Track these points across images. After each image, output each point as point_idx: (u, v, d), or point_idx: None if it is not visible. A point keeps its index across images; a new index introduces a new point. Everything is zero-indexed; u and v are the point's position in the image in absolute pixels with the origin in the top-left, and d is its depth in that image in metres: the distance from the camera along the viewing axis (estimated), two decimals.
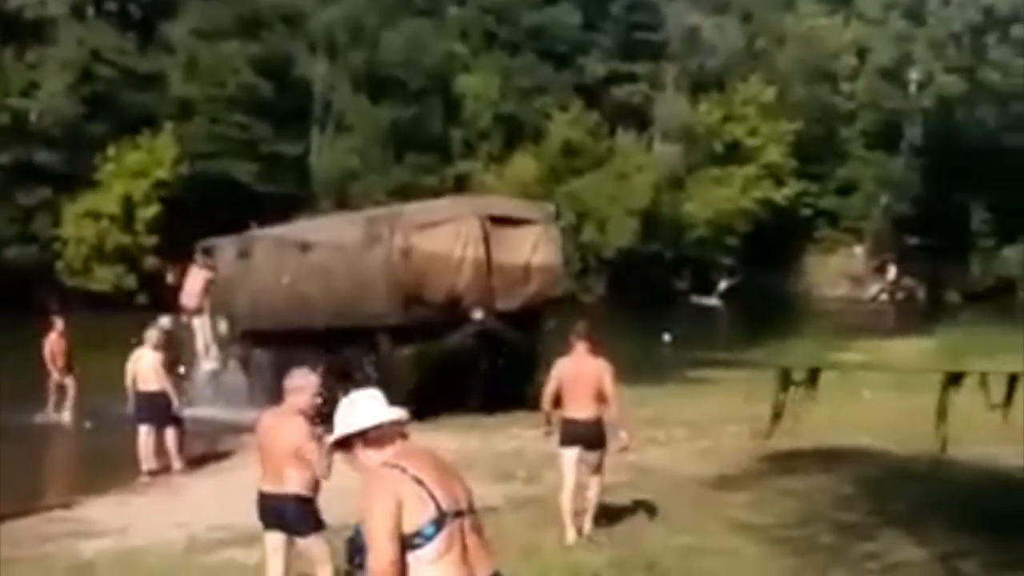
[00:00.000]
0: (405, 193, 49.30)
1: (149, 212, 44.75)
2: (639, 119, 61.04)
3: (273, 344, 17.45)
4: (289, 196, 50.27)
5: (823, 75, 62.74)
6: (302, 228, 20.53)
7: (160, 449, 13.37)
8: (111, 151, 44.82)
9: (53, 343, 17.44)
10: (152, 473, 13.11)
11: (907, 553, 8.26)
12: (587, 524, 9.28)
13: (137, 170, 44.80)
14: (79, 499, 11.83)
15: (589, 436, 9.08)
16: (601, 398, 9.00)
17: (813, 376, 10.36)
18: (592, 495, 9.31)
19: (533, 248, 16.63)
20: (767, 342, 29.00)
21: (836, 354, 23.07)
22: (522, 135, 57.64)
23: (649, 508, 10.01)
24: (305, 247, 17.58)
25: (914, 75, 63.59)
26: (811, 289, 59.85)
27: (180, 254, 22.02)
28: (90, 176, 44.68)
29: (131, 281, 43.98)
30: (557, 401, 9.22)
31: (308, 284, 17.19)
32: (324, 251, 17.23)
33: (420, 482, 3.54)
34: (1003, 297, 56.53)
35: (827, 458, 11.89)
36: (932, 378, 18.16)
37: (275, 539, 6.79)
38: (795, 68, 61.83)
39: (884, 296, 60.37)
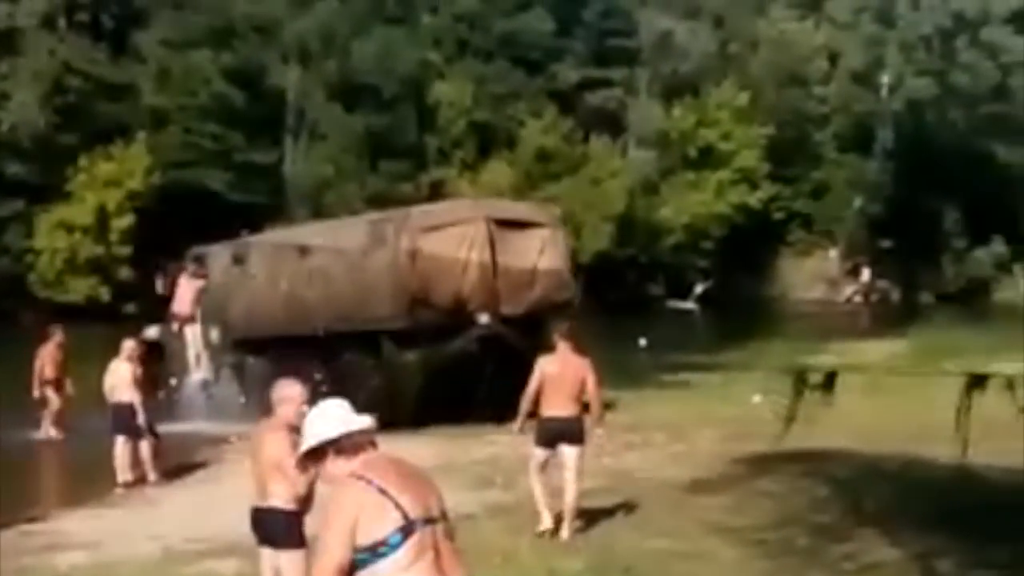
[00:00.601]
0: (380, 201, 49.30)
1: (122, 223, 44.53)
2: (613, 125, 61.18)
3: (268, 352, 17.17)
4: (263, 205, 50.14)
5: (795, 79, 63.08)
6: (299, 233, 20.30)
7: (136, 461, 13.31)
8: (83, 162, 44.57)
9: (49, 353, 17.00)
10: (128, 485, 13.05)
11: (882, 553, 8.30)
12: (566, 530, 9.31)
13: (110, 181, 44.58)
14: (54, 512, 11.76)
15: (568, 433, 9.24)
16: (581, 397, 9.21)
17: (830, 379, 10.15)
18: (570, 499, 9.33)
19: (539, 252, 16.43)
20: (743, 345, 29.10)
21: (811, 356, 23.12)
22: (496, 142, 57.70)
23: (626, 512, 10.03)
24: (304, 251, 17.30)
25: (885, 78, 64.01)
26: (786, 292, 60.11)
27: (166, 262, 21.66)
28: (62, 187, 44.41)
29: (105, 292, 43.75)
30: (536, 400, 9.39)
31: (307, 289, 16.94)
32: (324, 255, 16.93)
33: (384, 492, 3.51)
34: (976, 298, 57.01)
35: (802, 460, 11.92)
36: (904, 380, 18.37)
37: (268, 554, 6.76)
38: (767, 72, 62.15)
39: (858, 298, 60.70)
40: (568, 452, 9.28)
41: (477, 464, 12.51)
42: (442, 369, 15.31)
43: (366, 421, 3.81)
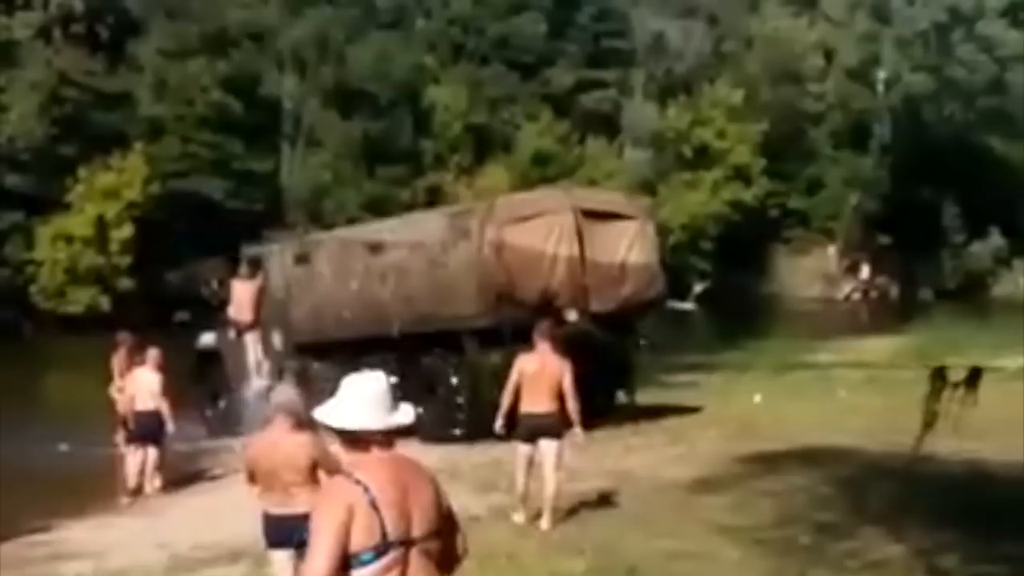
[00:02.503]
0: (377, 207, 49.35)
1: (122, 233, 44.62)
2: (609, 126, 61.25)
3: (336, 356, 15.88)
4: (261, 213, 50.21)
5: (790, 76, 63.12)
6: (369, 229, 18.93)
7: (143, 469, 13.34)
8: (82, 173, 44.65)
9: (122, 361, 16.01)
10: (134, 494, 13.08)
11: (886, 551, 8.30)
12: (545, 521, 9.63)
13: (108, 191, 44.67)
14: (59, 522, 11.78)
15: (547, 428, 9.58)
16: (559, 394, 9.50)
17: (974, 376, 9.70)
18: (548, 492, 9.65)
19: (629, 246, 15.42)
20: (743, 344, 29.14)
21: (811, 355, 23.22)
22: (492, 145, 57.76)
23: (628, 513, 10.05)
24: (376, 248, 16.23)
25: (881, 74, 64.04)
26: (785, 290, 60.13)
27: (215, 268, 20.70)
28: (62, 198, 44.51)
29: (105, 302, 43.80)
30: (517, 395, 9.71)
31: (380, 288, 15.92)
32: (399, 251, 15.83)
33: (374, 506, 3.51)
34: (975, 293, 57.04)
35: (804, 458, 11.95)
36: (907, 376, 18.37)
37: (282, 556, 6.77)
38: (762, 70, 62.19)
39: (857, 295, 60.72)
40: (546, 446, 9.62)
41: (480, 467, 12.53)
42: None
43: (385, 420, 3.70)
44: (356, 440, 3.69)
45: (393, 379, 12.02)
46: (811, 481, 10.75)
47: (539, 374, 9.62)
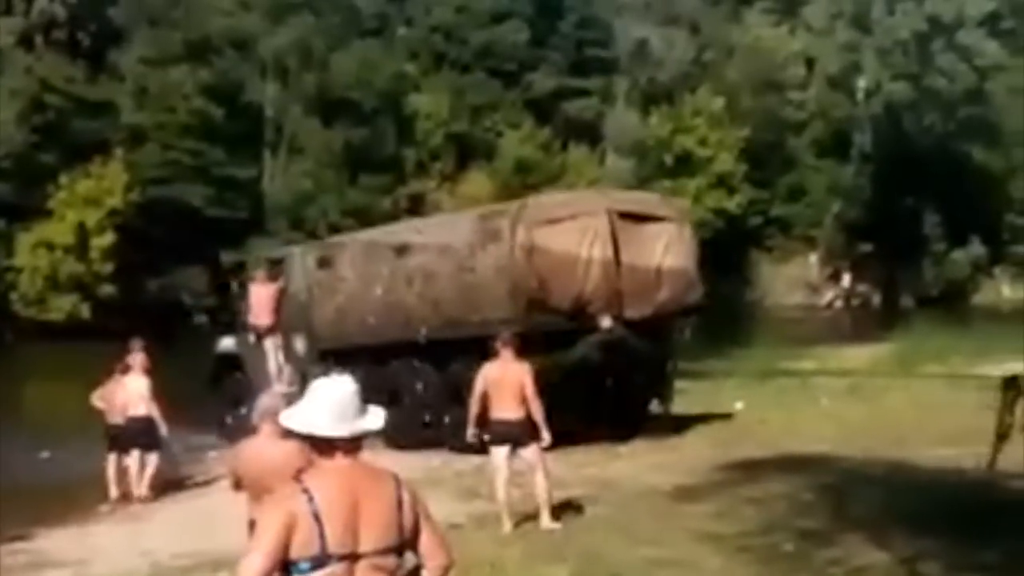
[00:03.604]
0: (360, 215, 49.31)
1: (103, 240, 44.48)
2: (591, 134, 61.36)
3: (360, 362, 15.13)
4: (243, 220, 50.14)
5: (771, 85, 63.40)
6: (395, 230, 18.22)
7: (123, 476, 13.27)
8: (63, 180, 44.48)
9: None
10: (121, 499, 13.02)
11: (869, 558, 8.29)
12: (545, 519, 9.82)
13: (89, 198, 44.54)
14: (39, 530, 11.69)
15: (517, 434, 9.74)
16: (524, 400, 9.66)
17: None
18: (541, 491, 9.84)
19: (665, 249, 14.79)
20: (725, 352, 29.15)
21: (793, 362, 23.26)
22: (475, 153, 57.81)
23: (611, 520, 10.05)
24: (402, 250, 15.65)
25: (862, 83, 64.34)
26: (766, 298, 60.32)
27: (237, 271, 20.15)
28: (43, 206, 44.33)
29: (86, 310, 43.63)
30: (485, 405, 9.88)
31: (406, 292, 15.36)
32: (427, 254, 15.24)
33: (317, 518, 3.46)
34: (956, 300, 57.32)
35: (787, 466, 11.96)
36: (884, 384, 18.48)
37: None
38: (744, 79, 62.44)
39: (839, 303, 60.96)
40: (525, 453, 9.83)
41: (462, 475, 12.50)
42: (560, 379, 13.39)
43: (358, 425, 3.64)
44: (320, 445, 3.63)
45: (418, 386, 11.72)
46: (794, 488, 10.76)
47: (501, 381, 9.80)
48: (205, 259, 48.54)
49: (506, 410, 9.74)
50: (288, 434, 6.67)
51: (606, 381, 14.28)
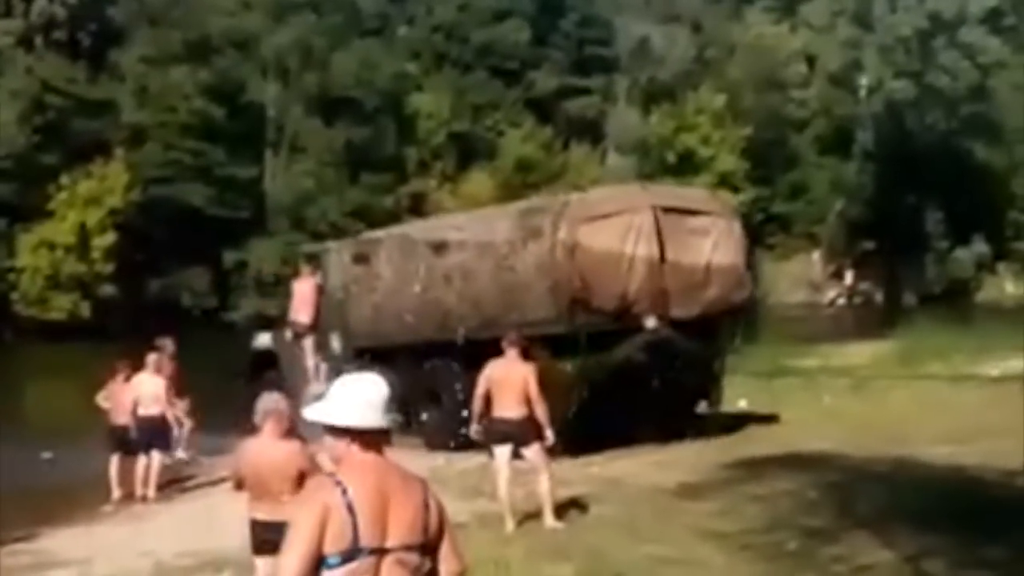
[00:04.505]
0: (361, 214, 49.32)
1: (104, 240, 44.53)
2: (593, 132, 61.36)
3: (398, 362, 14.91)
4: (244, 220, 50.16)
5: (773, 83, 63.37)
6: (433, 226, 17.84)
7: (126, 477, 13.25)
8: (64, 180, 44.51)
9: (164, 367, 15.37)
10: (126, 498, 13.01)
11: (873, 555, 8.26)
12: (548, 518, 9.82)
13: (90, 198, 44.60)
14: (42, 530, 11.68)
15: (518, 433, 9.73)
16: (527, 399, 9.64)
17: None
18: (544, 489, 9.85)
19: (713, 246, 14.28)
20: (728, 350, 29.06)
21: (796, 360, 23.22)
22: (476, 152, 57.81)
23: (615, 519, 10.03)
24: (440, 247, 15.15)
25: (864, 81, 64.31)
26: (769, 296, 60.22)
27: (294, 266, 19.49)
28: (44, 206, 44.39)
29: (86, 309, 43.67)
30: (488, 402, 9.87)
31: (445, 290, 14.93)
32: (466, 251, 14.77)
33: (351, 510, 3.47)
34: (959, 298, 57.24)
35: (791, 464, 11.93)
36: (887, 381, 18.43)
37: (268, 563, 6.70)
38: (746, 77, 62.41)
39: (842, 301, 60.90)
40: (528, 453, 9.84)
41: (466, 474, 12.48)
42: (604, 381, 13.33)
43: (380, 419, 3.64)
44: (354, 438, 3.62)
45: (457, 386, 11.52)
46: (798, 486, 10.73)
47: (504, 380, 9.78)
48: (206, 259, 48.59)
49: (508, 409, 9.74)
50: (290, 434, 6.68)
51: (651, 383, 13.76)
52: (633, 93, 62.92)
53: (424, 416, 14.78)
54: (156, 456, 13.27)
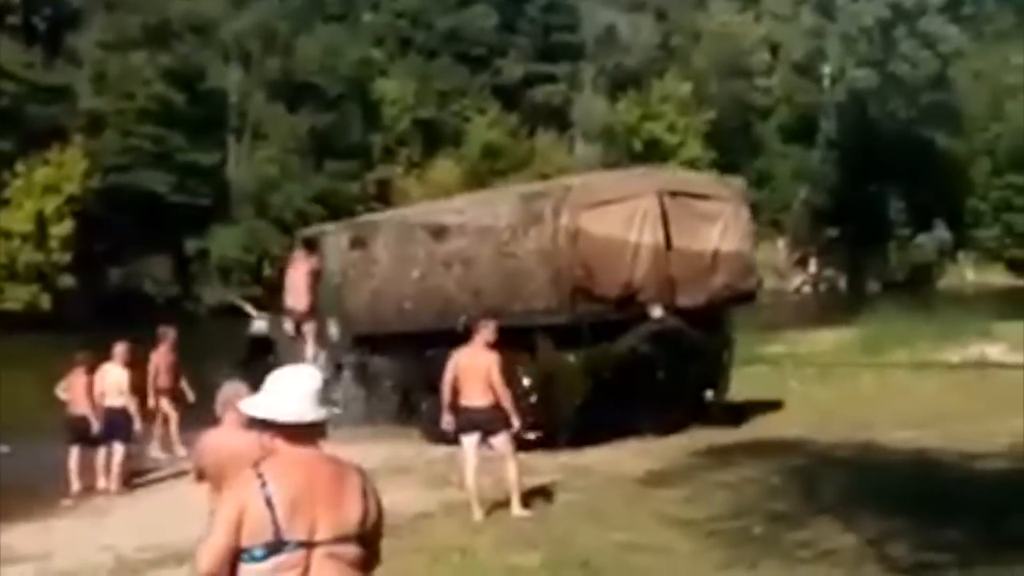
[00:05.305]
0: (326, 201, 49.04)
1: (62, 229, 43.90)
2: (559, 120, 61.34)
3: (398, 351, 14.71)
4: (207, 207, 49.70)
5: (738, 71, 63.64)
6: (432, 210, 17.11)
7: (85, 469, 13.07)
8: (20, 167, 43.87)
9: (162, 358, 15.17)
10: (86, 492, 12.84)
11: (838, 540, 8.32)
12: (516, 507, 9.79)
13: (47, 186, 43.96)
14: (0, 524, 11.48)
15: (486, 421, 9.70)
16: (492, 387, 9.65)
17: None
18: (511, 476, 9.81)
19: (721, 232, 13.84)
20: None
21: (762, 347, 23.31)
22: (442, 139, 57.63)
23: (583, 506, 10.02)
24: (439, 232, 14.65)
25: (827, 69, 64.73)
26: None
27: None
28: None
29: (46, 300, 43.11)
30: (456, 390, 9.84)
31: (444, 277, 14.47)
32: (466, 236, 14.28)
33: (270, 504, 3.45)
34: (921, 285, 57.81)
35: (758, 450, 11.98)
36: (851, 367, 18.57)
37: None
38: (710, 65, 62.63)
39: (807, 288, 61.35)
40: (495, 441, 9.80)
41: (433, 463, 12.41)
42: (608, 372, 13.01)
43: (311, 413, 3.60)
44: (282, 433, 3.59)
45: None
46: (764, 472, 10.78)
47: (469, 369, 9.78)
48: (168, 247, 48.11)
49: (474, 397, 9.71)
50: (251, 423, 6.58)
51: (657, 373, 13.42)
52: (599, 80, 62.95)
53: (424, 406, 14.16)
54: (119, 448, 13.08)
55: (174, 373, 15.34)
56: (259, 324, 18.10)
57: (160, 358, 15.26)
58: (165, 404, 15.23)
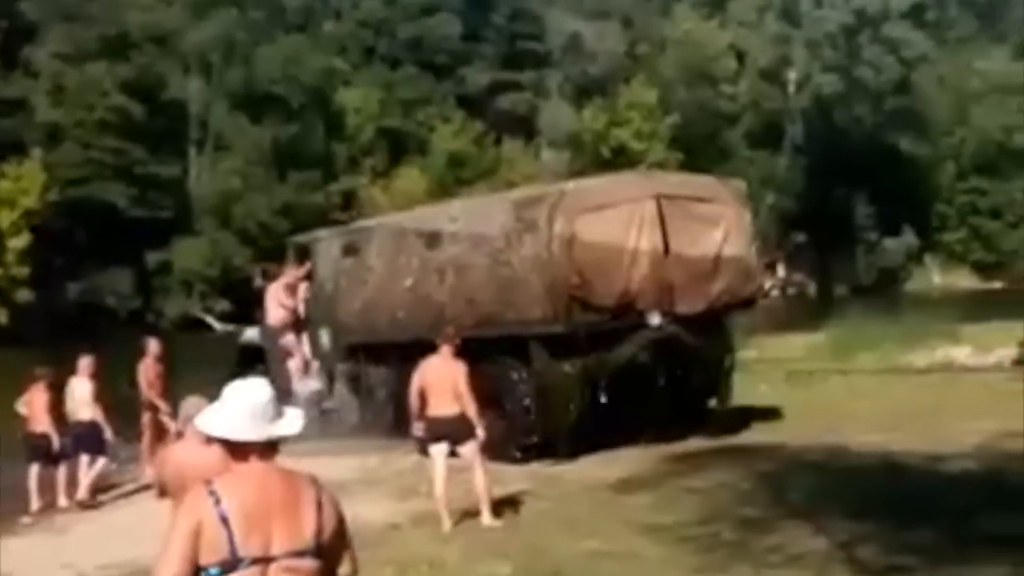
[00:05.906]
0: (290, 212, 48.73)
1: (19, 242, 43.28)
2: (525, 127, 61.36)
3: (391, 360, 14.37)
4: (168, 220, 49.25)
5: (704, 78, 63.91)
6: (426, 216, 16.69)
7: (46, 486, 12.83)
8: None
9: (149, 369, 14.65)
10: (47, 508, 12.61)
11: (807, 544, 8.32)
12: (486, 516, 9.77)
13: (4, 199, 43.37)
14: None
15: (453, 431, 9.70)
16: (459, 396, 9.68)
17: None
18: (480, 485, 9.80)
19: (722, 237, 13.45)
20: None
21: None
22: (407, 148, 57.50)
23: (554, 514, 9.96)
24: (433, 240, 14.37)
25: (792, 76, 65.17)
26: None
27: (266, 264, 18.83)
28: None
29: (3, 315, 42.49)
30: (424, 400, 9.87)
31: (437, 285, 14.18)
32: (459, 244, 13.97)
33: (225, 521, 3.39)
34: (888, 288, 58.26)
35: (728, 455, 11.96)
36: (820, 371, 18.64)
37: None
38: (677, 72, 62.85)
39: (775, 293, 61.62)
40: (463, 451, 9.82)
41: (401, 474, 12.28)
42: (606, 382, 12.73)
43: (273, 430, 3.55)
44: (235, 449, 3.55)
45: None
46: (734, 477, 10.77)
47: (436, 378, 9.84)
48: (129, 260, 47.60)
49: (442, 407, 9.71)
50: (212, 439, 6.42)
51: (656, 382, 13.11)
52: (565, 88, 63.03)
53: None
54: (86, 461, 12.85)
55: (162, 383, 14.75)
56: (250, 333, 18.01)
57: (149, 370, 14.72)
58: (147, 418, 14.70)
